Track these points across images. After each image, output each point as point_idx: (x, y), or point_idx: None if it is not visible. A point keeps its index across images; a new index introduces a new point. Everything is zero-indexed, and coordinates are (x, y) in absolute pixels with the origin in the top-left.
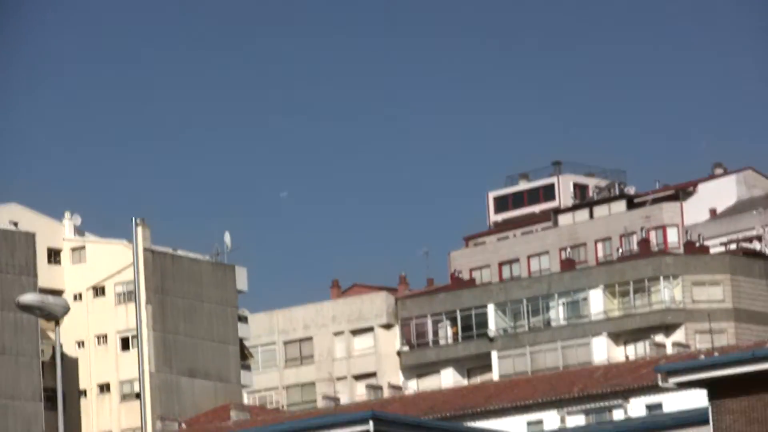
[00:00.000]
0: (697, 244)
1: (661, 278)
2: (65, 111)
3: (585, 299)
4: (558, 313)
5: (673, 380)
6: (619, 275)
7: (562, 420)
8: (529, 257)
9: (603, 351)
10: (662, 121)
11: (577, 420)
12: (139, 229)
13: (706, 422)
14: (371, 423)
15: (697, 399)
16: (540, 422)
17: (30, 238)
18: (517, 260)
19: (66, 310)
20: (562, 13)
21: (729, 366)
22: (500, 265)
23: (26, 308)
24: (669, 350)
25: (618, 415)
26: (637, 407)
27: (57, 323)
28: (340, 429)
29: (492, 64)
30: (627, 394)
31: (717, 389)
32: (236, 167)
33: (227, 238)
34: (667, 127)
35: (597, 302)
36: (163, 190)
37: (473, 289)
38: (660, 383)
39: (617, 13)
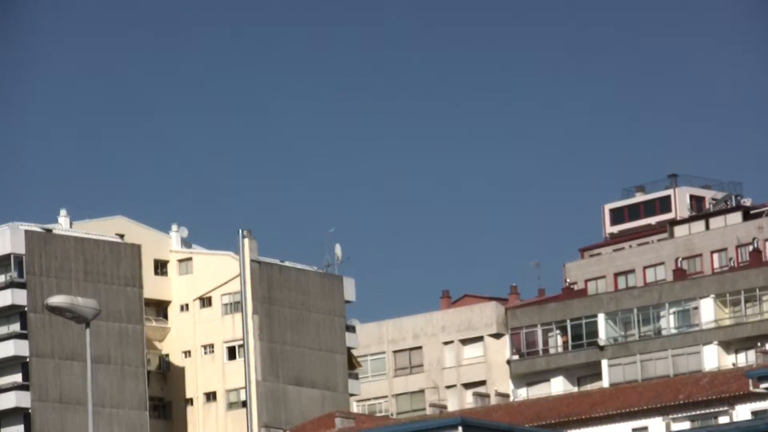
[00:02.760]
0: None
1: None
2: (172, 125)
3: (696, 308)
4: (669, 322)
5: (764, 386)
6: (730, 284)
7: (667, 427)
8: (644, 268)
9: (713, 359)
10: None
11: (682, 427)
12: (246, 241)
13: None
14: (460, 429)
15: None
16: (645, 429)
17: (136, 249)
18: (632, 271)
19: (96, 312)
20: (674, 23)
21: None
22: (615, 276)
23: (56, 310)
24: None
25: (723, 421)
26: (742, 414)
27: (87, 325)
28: None
29: (608, 77)
30: (732, 400)
31: None
32: (345, 178)
33: (338, 249)
34: None
35: (708, 311)
36: (271, 202)
37: (584, 298)
38: (751, 388)
39: (735, 22)
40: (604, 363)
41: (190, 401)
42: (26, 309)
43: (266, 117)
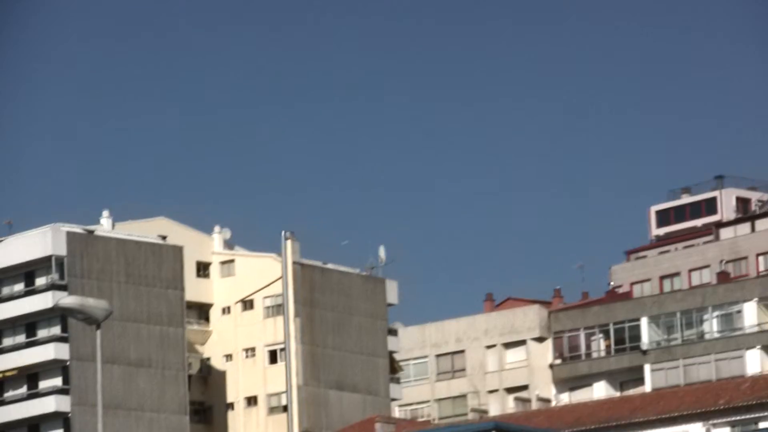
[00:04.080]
0: None
1: None
2: (216, 126)
3: (739, 312)
4: (712, 325)
5: None
6: None
7: None
8: (690, 271)
9: (756, 363)
10: None
11: None
12: (288, 243)
13: None
14: None
15: None
16: None
17: (177, 251)
18: (678, 274)
19: (108, 313)
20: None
21: None
22: (661, 278)
23: (67, 311)
24: None
25: (764, 426)
26: None
27: (98, 327)
28: None
29: (655, 78)
30: None
31: None
32: (389, 180)
33: (382, 251)
34: None
35: (751, 315)
36: (314, 203)
37: (627, 302)
38: None
39: None
40: (647, 368)
41: (231, 406)
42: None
43: (310, 117)
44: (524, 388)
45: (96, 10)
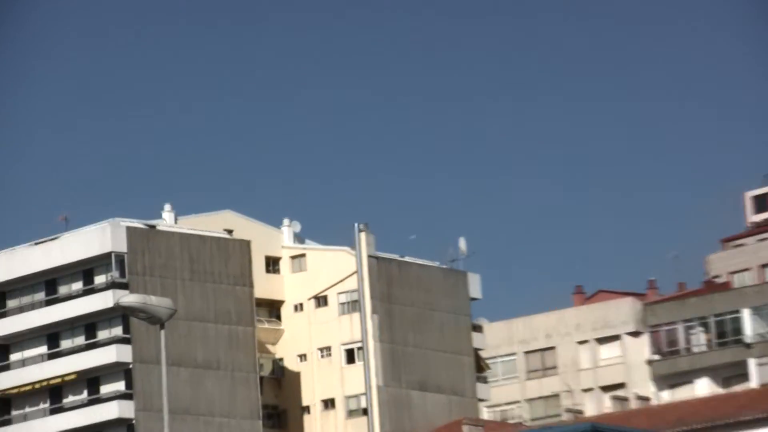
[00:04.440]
0: None
1: None
2: (282, 116)
3: None
4: None
5: None
6: None
7: None
8: None
9: None
10: None
11: None
12: (362, 235)
13: None
14: None
15: None
16: None
17: (245, 246)
18: None
19: (172, 312)
20: None
21: None
22: (761, 267)
23: (128, 311)
24: None
25: None
26: None
27: (162, 327)
28: None
29: (745, 61)
30: None
31: None
32: (469, 169)
33: (462, 243)
34: None
35: None
36: (389, 193)
37: (727, 292)
38: None
39: None
40: (752, 362)
41: (307, 409)
42: None
43: (385, 107)
44: (621, 386)
45: None
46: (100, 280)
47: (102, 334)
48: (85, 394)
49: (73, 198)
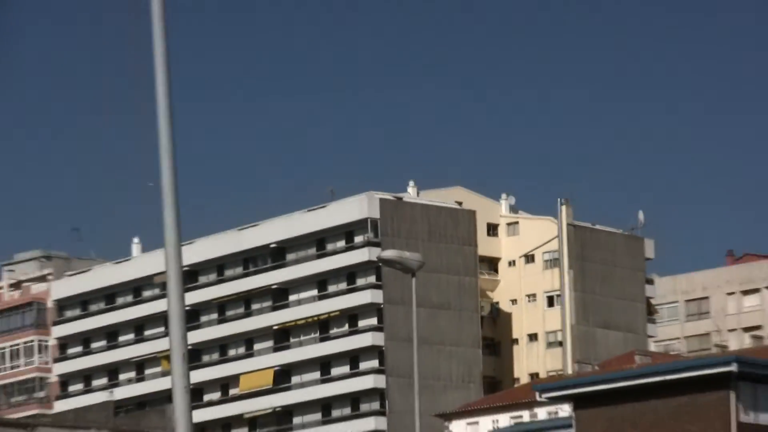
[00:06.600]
0: None
1: None
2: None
3: None
4: None
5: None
6: None
7: None
8: None
9: None
10: None
11: None
12: (564, 208)
13: None
14: (734, 364)
15: None
16: None
17: (471, 215)
18: None
19: (421, 264)
20: None
21: None
22: None
23: (387, 263)
24: None
25: None
26: None
27: (413, 275)
28: (709, 369)
29: None
30: None
31: None
32: (651, 155)
33: (641, 215)
34: None
35: None
36: (587, 172)
37: None
38: None
39: None
40: None
41: (516, 341)
42: (380, 264)
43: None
44: (758, 327)
45: None
46: (358, 239)
47: (360, 281)
48: (346, 327)
49: (337, 174)
